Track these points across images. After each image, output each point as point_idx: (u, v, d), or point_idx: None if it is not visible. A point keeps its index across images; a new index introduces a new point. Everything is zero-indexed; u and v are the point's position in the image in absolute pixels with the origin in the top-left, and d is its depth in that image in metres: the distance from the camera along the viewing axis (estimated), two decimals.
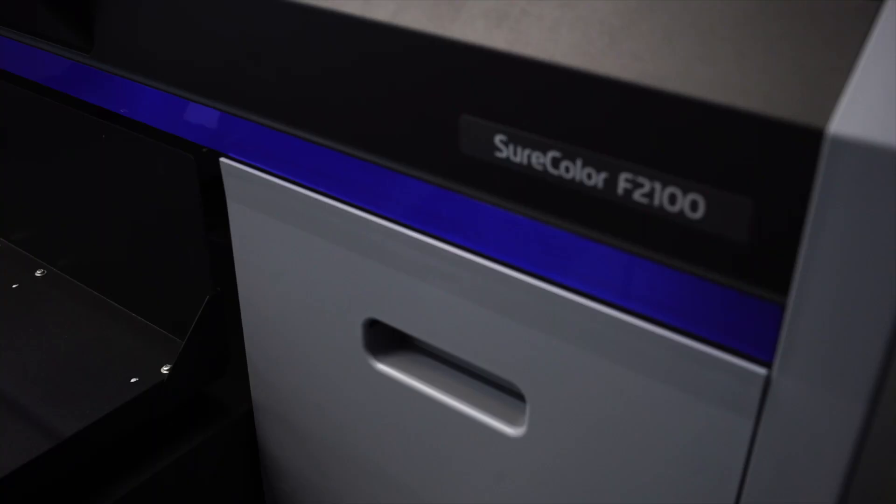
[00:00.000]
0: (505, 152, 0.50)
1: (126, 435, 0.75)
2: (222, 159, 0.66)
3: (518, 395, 0.60)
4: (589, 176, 0.47)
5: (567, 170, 0.48)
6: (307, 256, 0.64)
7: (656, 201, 0.45)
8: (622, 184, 0.46)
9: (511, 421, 0.59)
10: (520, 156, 0.49)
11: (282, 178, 0.63)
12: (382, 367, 0.64)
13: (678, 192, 0.44)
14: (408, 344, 0.65)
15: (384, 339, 0.65)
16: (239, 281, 0.71)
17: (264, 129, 0.61)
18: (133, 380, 0.77)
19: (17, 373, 0.79)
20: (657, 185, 0.45)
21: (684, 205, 0.44)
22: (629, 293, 0.50)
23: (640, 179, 0.45)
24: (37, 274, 0.92)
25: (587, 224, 0.48)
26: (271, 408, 0.77)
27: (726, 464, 0.49)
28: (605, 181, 0.46)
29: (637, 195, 0.46)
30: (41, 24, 0.71)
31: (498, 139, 0.50)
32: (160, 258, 0.79)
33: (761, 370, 0.46)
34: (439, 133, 0.52)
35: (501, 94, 0.48)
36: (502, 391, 0.62)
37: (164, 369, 0.78)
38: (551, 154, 0.48)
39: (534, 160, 0.49)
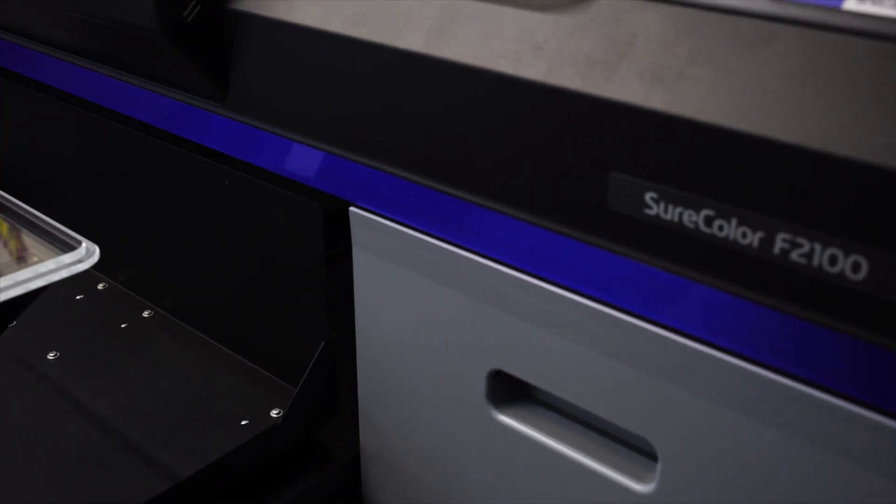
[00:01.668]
0: (655, 209, 0.50)
1: (237, 478, 0.76)
2: (352, 209, 0.68)
3: (645, 451, 0.60)
4: (744, 235, 0.48)
5: (721, 228, 0.48)
6: (433, 305, 0.65)
7: (815, 262, 0.45)
8: (779, 243, 0.46)
9: (639, 477, 0.59)
10: (670, 213, 0.50)
11: (412, 228, 0.64)
12: (505, 418, 0.65)
13: (839, 253, 0.45)
14: (529, 396, 0.66)
15: (506, 391, 0.65)
16: (358, 327, 0.73)
17: (398, 180, 0.63)
18: (243, 422, 0.78)
19: (129, 411, 0.80)
20: (817, 246, 0.45)
21: (845, 266, 0.45)
22: (777, 351, 0.50)
23: (799, 240, 0.46)
24: (144, 314, 0.94)
25: (738, 282, 0.49)
26: (379, 455, 0.77)
27: None
28: (761, 241, 0.47)
29: (795, 255, 0.46)
30: (175, 74, 0.74)
31: (648, 196, 0.50)
32: (273, 303, 0.81)
33: None
34: (586, 189, 0.53)
35: (655, 153, 0.49)
36: (628, 447, 0.61)
37: (274, 413, 0.79)
38: (704, 212, 0.49)
39: (685, 218, 0.49)
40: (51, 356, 0.88)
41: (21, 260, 0.72)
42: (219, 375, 0.85)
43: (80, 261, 0.63)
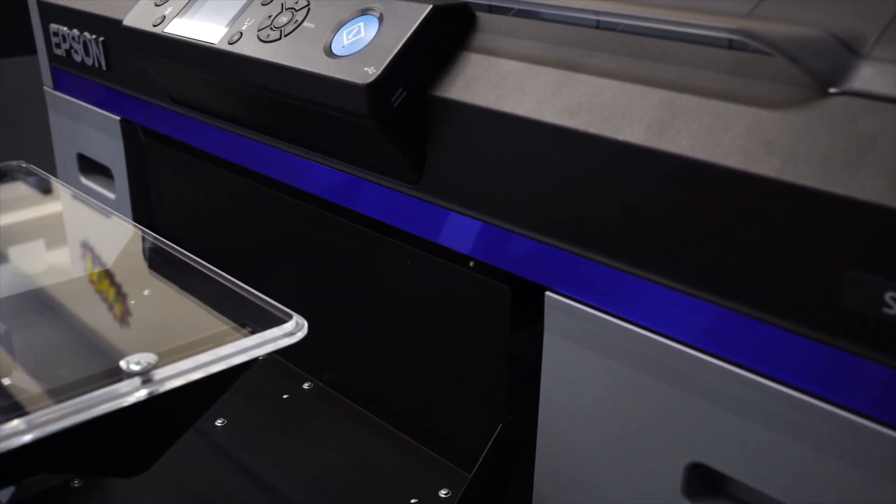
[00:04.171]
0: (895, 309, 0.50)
1: None
2: (548, 293, 0.68)
3: None
4: None
5: None
6: (630, 393, 0.65)
7: None
8: None
9: None
10: None
11: (612, 315, 0.65)
12: None
13: None
14: (727, 491, 0.64)
15: (705, 485, 0.64)
16: (542, 412, 0.72)
17: (601, 267, 0.64)
18: (413, 500, 0.78)
19: (299, 482, 0.81)
20: None
21: None
22: None
23: None
24: (304, 386, 0.96)
25: None
26: None
27: None
28: None
29: None
30: (372, 156, 0.77)
31: (888, 296, 0.50)
32: (448, 382, 0.81)
33: None
34: (817, 286, 0.53)
35: None
36: None
37: (443, 493, 0.79)
38: None
39: None
40: (218, 423, 0.90)
41: (124, 324, 0.73)
42: (381, 450, 0.86)
43: (289, 334, 0.64)
